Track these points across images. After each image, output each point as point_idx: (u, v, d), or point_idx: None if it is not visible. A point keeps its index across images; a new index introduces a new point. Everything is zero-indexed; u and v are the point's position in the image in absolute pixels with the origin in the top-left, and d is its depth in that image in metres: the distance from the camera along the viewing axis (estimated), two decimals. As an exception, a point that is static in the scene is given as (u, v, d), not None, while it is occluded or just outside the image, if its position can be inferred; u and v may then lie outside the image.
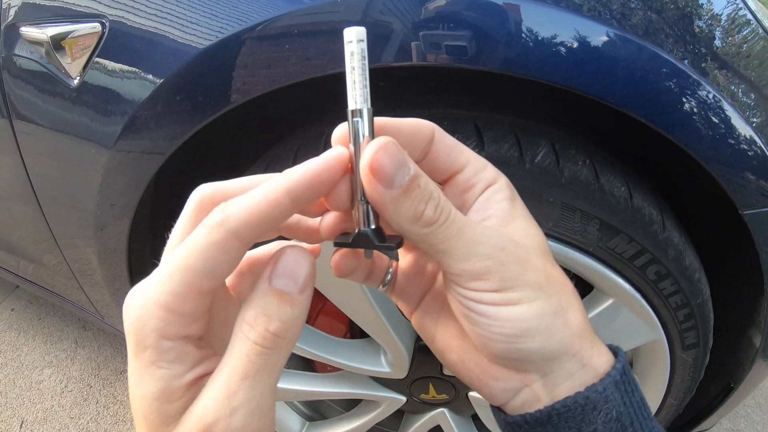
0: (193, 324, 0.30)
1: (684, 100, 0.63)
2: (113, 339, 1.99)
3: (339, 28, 0.64)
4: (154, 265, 0.90)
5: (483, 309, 0.33)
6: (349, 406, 1.33)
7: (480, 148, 0.69)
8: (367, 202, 0.32)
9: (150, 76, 0.75)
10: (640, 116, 0.64)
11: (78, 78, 0.83)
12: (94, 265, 1.09)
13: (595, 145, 0.79)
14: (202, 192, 0.34)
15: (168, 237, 0.34)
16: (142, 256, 1.05)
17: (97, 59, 0.80)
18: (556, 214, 0.70)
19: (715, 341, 0.91)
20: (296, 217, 0.37)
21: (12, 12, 0.90)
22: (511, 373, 0.36)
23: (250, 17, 0.66)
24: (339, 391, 1.13)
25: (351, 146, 0.32)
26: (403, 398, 1.11)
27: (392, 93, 0.79)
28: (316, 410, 1.38)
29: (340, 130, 0.33)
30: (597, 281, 0.80)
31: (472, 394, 1.05)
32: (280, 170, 0.79)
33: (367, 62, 0.32)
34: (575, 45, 0.61)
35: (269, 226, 0.30)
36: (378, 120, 0.33)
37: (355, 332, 1.18)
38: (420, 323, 0.41)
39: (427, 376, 1.04)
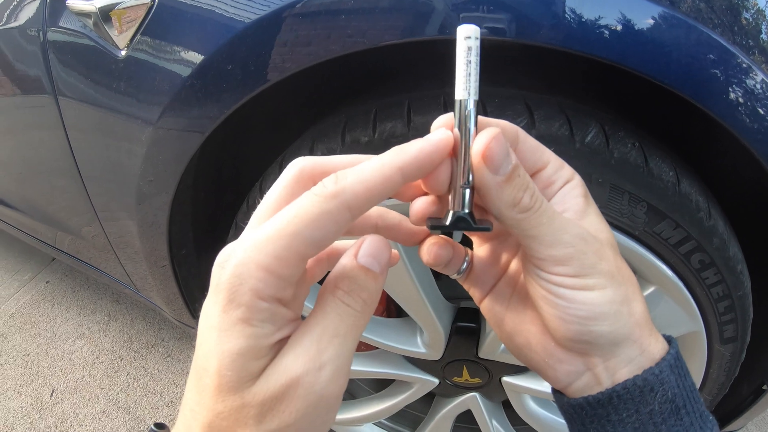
0: (288, 288, 0.31)
1: (738, 86, 0.62)
2: (146, 312, 2.04)
3: (379, 6, 0.64)
4: (195, 237, 0.91)
5: (562, 292, 0.36)
6: (379, 387, 1.34)
7: (531, 126, 0.69)
8: (468, 187, 0.35)
9: (200, 48, 0.75)
10: (694, 99, 0.63)
11: (125, 50, 0.84)
12: (134, 237, 1.11)
13: (643, 129, 0.78)
14: (302, 164, 0.35)
15: (257, 203, 0.35)
16: (182, 229, 1.06)
17: (146, 31, 0.81)
18: (604, 195, 0.70)
19: (751, 340, 0.90)
20: (398, 218, 0.40)
21: (55, -15, 0.91)
22: (575, 357, 0.39)
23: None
24: (372, 371, 1.13)
25: (456, 132, 0.34)
26: (436, 380, 1.11)
27: (442, 71, 0.79)
28: (346, 389, 1.38)
29: (446, 117, 0.36)
30: (640, 267, 0.79)
31: (505, 379, 1.05)
32: (327, 145, 0.79)
33: (479, 59, 0.34)
34: (631, 23, 0.60)
35: (378, 201, 0.32)
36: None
37: (391, 311, 1.19)
38: (490, 308, 0.44)
39: (462, 358, 1.04)
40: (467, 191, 0.35)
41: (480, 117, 0.35)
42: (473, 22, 0.61)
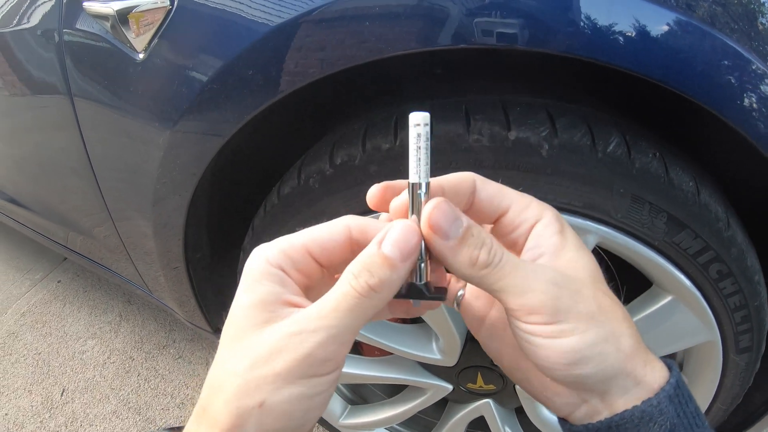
0: (296, 272, 0.37)
1: (754, 93, 0.62)
2: (157, 313, 2.04)
3: (399, 12, 0.64)
4: (210, 240, 0.90)
5: (539, 341, 0.36)
6: (392, 392, 1.33)
7: (553, 135, 0.68)
8: (421, 261, 0.37)
9: (220, 52, 0.75)
10: (709, 106, 0.62)
11: (143, 53, 0.84)
12: (147, 238, 1.11)
13: (663, 139, 0.77)
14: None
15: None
16: (197, 232, 1.06)
17: (164, 34, 0.81)
18: (625, 205, 0.69)
19: (766, 349, 0.89)
20: None
21: (73, -12, 0.91)
22: (571, 392, 0.40)
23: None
24: (386, 376, 1.13)
25: (411, 214, 0.36)
26: (450, 386, 1.11)
27: (459, 82, 0.79)
28: (359, 394, 1.39)
29: (399, 201, 0.38)
30: (658, 276, 0.79)
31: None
32: (347, 151, 0.79)
33: (429, 143, 0.36)
34: (645, 30, 0.60)
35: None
36: None
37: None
38: (486, 342, 0.46)
39: (477, 365, 1.03)
40: (421, 265, 0.37)
41: (432, 180, 0.37)
42: (481, 27, 0.62)
